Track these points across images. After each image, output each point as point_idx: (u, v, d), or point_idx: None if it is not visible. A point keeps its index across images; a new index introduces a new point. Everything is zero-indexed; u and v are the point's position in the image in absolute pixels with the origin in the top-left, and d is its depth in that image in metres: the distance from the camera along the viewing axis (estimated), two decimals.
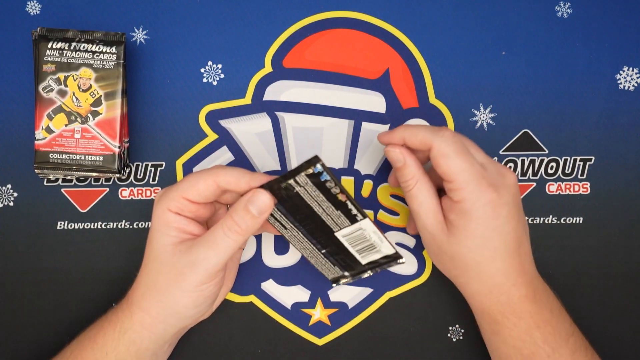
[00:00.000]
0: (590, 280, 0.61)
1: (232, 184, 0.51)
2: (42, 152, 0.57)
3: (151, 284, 0.52)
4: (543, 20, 0.61)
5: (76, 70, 0.57)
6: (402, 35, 0.61)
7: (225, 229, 0.50)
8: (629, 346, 0.61)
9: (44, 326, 0.60)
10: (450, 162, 0.50)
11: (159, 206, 0.52)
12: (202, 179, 0.52)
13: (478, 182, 0.50)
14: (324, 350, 0.61)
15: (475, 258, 0.52)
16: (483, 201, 0.50)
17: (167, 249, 0.52)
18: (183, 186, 0.52)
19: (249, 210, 0.49)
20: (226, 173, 0.51)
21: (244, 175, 0.51)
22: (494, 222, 0.51)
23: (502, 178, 0.52)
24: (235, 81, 0.61)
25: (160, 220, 0.52)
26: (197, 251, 0.50)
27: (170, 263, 0.51)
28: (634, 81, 0.61)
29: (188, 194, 0.52)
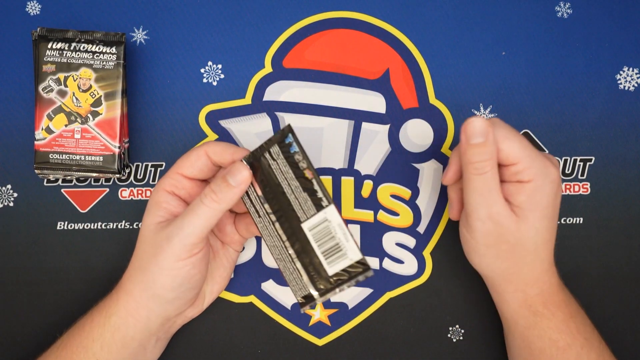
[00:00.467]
0: (590, 281, 0.61)
1: (218, 153, 0.53)
2: (42, 153, 0.57)
3: (136, 264, 0.54)
4: (543, 20, 0.61)
5: (76, 70, 0.57)
6: (402, 35, 0.61)
7: (202, 196, 0.51)
8: (630, 346, 0.61)
9: (44, 326, 0.60)
10: (512, 143, 0.50)
11: (155, 188, 0.54)
12: (194, 151, 0.54)
13: (541, 160, 0.51)
14: (324, 350, 0.61)
15: (538, 241, 0.52)
16: (551, 177, 0.51)
17: (151, 228, 0.53)
18: (177, 163, 0.54)
19: (226, 179, 0.50)
20: (214, 144, 0.53)
21: (229, 147, 0.53)
22: (556, 201, 0.52)
23: (546, 170, 0.51)
24: (235, 81, 0.61)
25: (152, 201, 0.54)
26: (174, 223, 0.51)
27: (152, 240, 0.52)
28: (634, 81, 0.61)
29: (181, 168, 0.53)
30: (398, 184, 0.61)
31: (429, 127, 0.61)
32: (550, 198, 0.51)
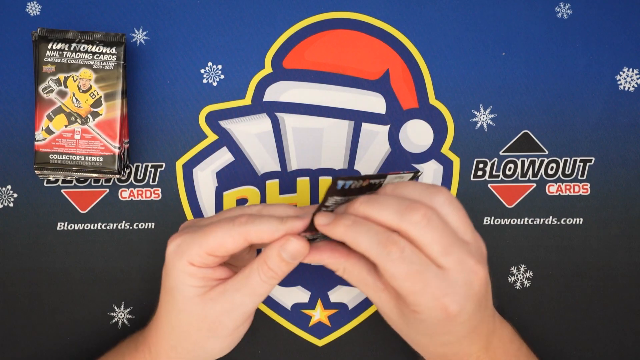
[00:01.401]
0: (590, 281, 0.61)
1: (265, 239, 0.47)
2: (42, 153, 0.57)
3: (182, 337, 0.50)
4: (543, 21, 0.61)
5: (76, 71, 0.57)
6: (402, 35, 0.61)
7: (262, 276, 0.47)
8: (630, 347, 0.61)
9: (44, 327, 0.60)
10: (400, 284, 0.45)
11: (177, 259, 0.49)
12: (230, 236, 0.47)
13: (435, 301, 0.45)
14: (324, 351, 0.61)
15: (423, 342, 0.50)
16: (439, 317, 0.46)
17: (196, 301, 0.49)
18: (207, 242, 0.48)
19: (283, 257, 0.47)
20: (257, 228, 0.47)
21: (277, 228, 0.47)
22: (447, 328, 0.47)
23: (468, 287, 0.46)
24: (235, 82, 0.61)
25: (183, 274, 0.49)
26: (233, 298, 0.48)
27: (203, 314, 0.49)
28: (634, 82, 0.61)
29: (214, 251, 0.48)
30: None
31: (429, 127, 0.61)
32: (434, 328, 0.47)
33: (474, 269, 0.46)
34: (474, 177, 0.61)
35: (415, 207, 0.45)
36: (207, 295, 0.49)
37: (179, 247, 0.49)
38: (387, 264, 0.44)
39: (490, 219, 0.61)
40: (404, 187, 0.47)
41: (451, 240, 0.45)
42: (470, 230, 0.47)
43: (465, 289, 0.46)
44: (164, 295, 0.51)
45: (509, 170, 0.61)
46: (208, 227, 0.48)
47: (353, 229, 0.45)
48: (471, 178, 0.61)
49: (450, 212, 0.46)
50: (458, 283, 0.45)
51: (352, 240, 0.45)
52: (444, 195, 0.46)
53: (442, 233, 0.45)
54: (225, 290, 0.48)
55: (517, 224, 0.61)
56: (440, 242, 0.45)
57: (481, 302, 0.48)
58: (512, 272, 0.61)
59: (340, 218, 0.46)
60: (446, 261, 0.45)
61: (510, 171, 0.61)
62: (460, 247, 0.46)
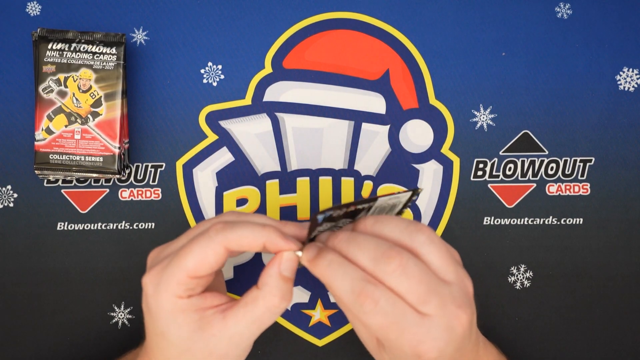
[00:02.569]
0: (590, 282, 0.61)
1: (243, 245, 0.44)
2: (42, 153, 0.57)
3: None
4: (543, 21, 0.61)
5: (76, 71, 0.57)
6: (402, 36, 0.61)
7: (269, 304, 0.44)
8: (630, 347, 0.61)
9: (44, 327, 0.60)
10: (373, 331, 0.44)
11: (162, 296, 0.44)
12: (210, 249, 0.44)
13: (411, 348, 0.43)
14: (324, 351, 0.61)
15: None
16: None
17: (195, 339, 0.44)
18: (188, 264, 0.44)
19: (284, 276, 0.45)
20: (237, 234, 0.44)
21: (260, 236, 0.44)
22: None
23: (449, 333, 0.43)
24: (235, 82, 0.61)
25: (172, 313, 0.44)
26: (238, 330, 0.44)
27: (207, 350, 0.45)
28: (634, 82, 0.61)
29: (198, 271, 0.44)
30: (398, 184, 0.61)
31: (429, 127, 0.61)
32: None
33: (455, 313, 0.43)
34: (474, 177, 0.61)
35: (390, 256, 0.42)
36: (209, 331, 0.45)
37: (159, 285, 0.44)
38: (361, 315, 0.43)
39: (490, 219, 0.61)
40: (384, 225, 0.45)
41: (430, 287, 0.43)
42: (453, 269, 0.45)
43: (447, 334, 0.43)
44: (154, 340, 0.46)
45: (509, 170, 0.61)
46: (182, 249, 0.45)
47: (330, 270, 0.43)
48: (471, 178, 0.61)
49: (431, 252, 0.44)
50: (439, 329, 0.43)
51: (328, 282, 0.44)
52: (424, 235, 0.44)
53: (419, 281, 0.43)
54: (228, 324, 0.44)
55: (517, 224, 0.61)
56: (417, 291, 0.42)
57: (464, 342, 0.45)
58: (512, 272, 0.61)
59: (321, 255, 0.44)
60: (426, 309, 0.43)
61: (511, 171, 0.61)
62: (439, 292, 0.43)
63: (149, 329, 0.47)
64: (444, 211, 0.61)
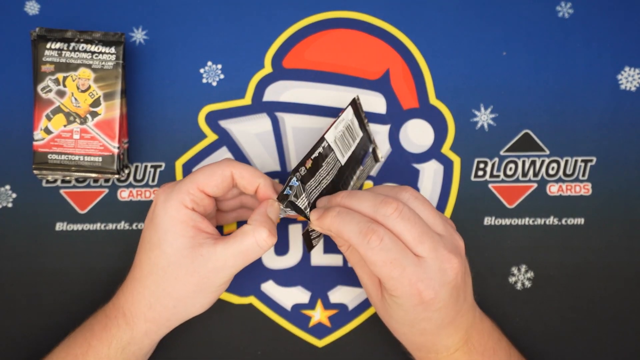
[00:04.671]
0: (591, 282, 0.61)
1: (246, 179, 0.51)
2: (41, 153, 0.57)
3: (164, 293, 0.50)
4: (544, 20, 0.61)
5: (75, 70, 0.57)
6: (402, 35, 0.61)
7: (258, 237, 0.49)
8: (631, 347, 0.61)
9: (43, 327, 0.60)
10: (379, 270, 0.48)
11: (170, 203, 0.50)
12: (220, 169, 0.51)
13: (411, 286, 0.48)
14: (324, 351, 0.61)
15: (404, 330, 0.52)
16: (414, 302, 0.48)
17: (186, 253, 0.49)
18: (198, 178, 0.50)
19: (271, 217, 0.50)
20: (242, 168, 0.51)
21: (256, 174, 0.51)
22: (424, 315, 0.49)
23: (442, 274, 0.48)
24: (235, 82, 0.61)
25: (175, 220, 0.50)
26: (225, 258, 0.49)
27: (192, 268, 0.49)
28: (636, 81, 0.61)
29: (206, 186, 0.50)
30: (398, 184, 0.61)
31: (429, 127, 0.61)
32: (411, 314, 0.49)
33: (447, 257, 0.48)
34: (475, 177, 0.61)
35: (388, 201, 0.48)
36: (198, 250, 0.49)
37: (170, 194, 0.50)
38: (368, 252, 0.47)
39: (491, 219, 0.61)
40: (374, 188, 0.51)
41: (423, 230, 0.48)
42: (441, 222, 0.50)
43: (440, 276, 0.48)
44: (148, 252, 0.51)
45: (510, 170, 0.61)
46: (198, 169, 0.51)
47: (338, 219, 0.48)
48: (472, 178, 0.61)
49: (418, 206, 0.50)
50: (432, 270, 0.48)
51: (337, 229, 0.49)
52: (408, 192, 0.50)
53: (413, 224, 0.48)
54: (217, 249, 0.49)
55: (518, 224, 0.61)
56: (412, 232, 0.48)
57: (458, 291, 0.50)
58: (513, 272, 0.61)
59: (327, 210, 0.50)
60: (421, 250, 0.48)
61: (511, 171, 0.61)
62: (432, 236, 0.48)
63: (145, 241, 0.51)
64: (445, 211, 0.61)
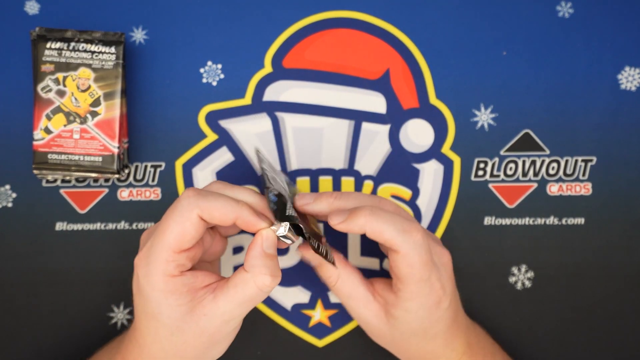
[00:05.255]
0: (592, 282, 0.61)
1: (216, 218, 0.45)
2: (41, 153, 0.57)
3: (176, 357, 0.47)
4: (544, 20, 0.61)
5: (75, 70, 0.57)
6: (402, 35, 0.61)
7: (260, 284, 0.45)
8: (631, 347, 0.61)
9: (43, 327, 0.60)
10: (414, 271, 0.48)
11: (153, 278, 0.44)
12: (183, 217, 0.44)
13: (431, 287, 0.49)
14: (324, 351, 0.61)
15: (417, 341, 0.52)
16: (430, 303, 0.49)
17: (187, 319, 0.45)
18: (169, 240, 0.44)
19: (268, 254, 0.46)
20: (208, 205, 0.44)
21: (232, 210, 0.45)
22: (437, 315, 0.50)
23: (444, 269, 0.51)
24: (235, 81, 0.61)
25: (165, 292, 0.45)
26: (230, 309, 0.45)
27: (199, 330, 0.45)
28: (636, 81, 0.61)
29: (181, 244, 0.44)
30: (398, 184, 0.61)
31: (429, 127, 0.61)
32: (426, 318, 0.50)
33: (442, 251, 0.51)
34: (475, 177, 0.61)
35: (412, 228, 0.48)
36: (199, 310, 0.45)
37: (148, 266, 0.45)
38: (412, 251, 0.47)
39: (491, 219, 0.61)
40: None
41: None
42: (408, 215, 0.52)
43: (443, 270, 0.51)
44: (144, 322, 0.47)
45: (510, 170, 0.61)
46: (160, 226, 0.45)
47: (375, 217, 0.47)
48: (472, 178, 0.61)
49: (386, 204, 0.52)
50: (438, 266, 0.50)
51: (375, 227, 0.47)
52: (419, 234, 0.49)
53: None
54: (219, 304, 0.45)
55: (518, 224, 0.61)
56: None
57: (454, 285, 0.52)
58: (513, 272, 0.61)
59: (358, 210, 0.48)
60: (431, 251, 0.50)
61: (511, 171, 0.61)
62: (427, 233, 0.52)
63: (139, 310, 0.47)
64: (445, 211, 0.61)
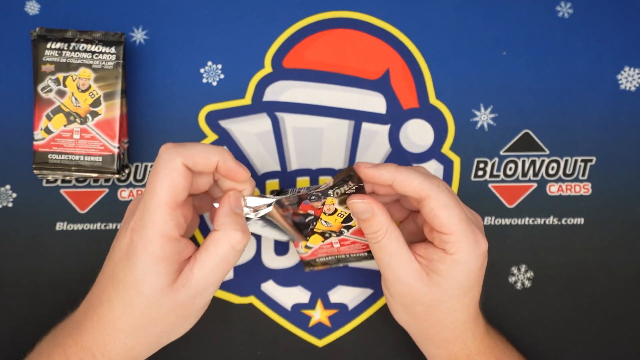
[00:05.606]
0: (591, 282, 0.61)
1: (199, 164, 0.45)
2: (41, 153, 0.57)
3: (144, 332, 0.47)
4: (544, 20, 0.61)
5: (75, 70, 0.57)
6: (402, 35, 0.61)
7: (232, 240, 0.46)
8: (631, 347, 0.61)
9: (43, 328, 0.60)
10: (451, 213, 0.48)
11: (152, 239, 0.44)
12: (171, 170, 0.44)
13: (474, 233, 0.49)
14: (324, 351, 0.61)
15: (455, 305, 0.51)
16: (477, 253, 0.49)
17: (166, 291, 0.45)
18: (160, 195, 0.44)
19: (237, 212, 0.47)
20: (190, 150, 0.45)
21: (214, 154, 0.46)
22: (479, 272, 0.51)
23: (480, 227, 0.52)
24: (235, 81, 0.61)
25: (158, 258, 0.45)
26: (204, 276, 0.46)
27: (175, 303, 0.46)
28: (635, 81, 0.61)
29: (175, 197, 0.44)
30: None
31: (429, 127, 0.61)
32: (472, 272, 0.50)
33: (480, 235, 0.50)
34: (475, 177, 0.61)
35: (433, 176, 0.50)
36: (178, 282, 0.45)
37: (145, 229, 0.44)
38: (440, 194, 0.48)
39: (490, 219, 0.61)
40: None
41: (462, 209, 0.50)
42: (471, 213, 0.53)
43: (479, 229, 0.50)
44: (119, 290, 0.46)
45: (510, 170, 0.61)
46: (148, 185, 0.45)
47: (402, 170, 0.48)
48: (472, 178, 0.61)
49: None
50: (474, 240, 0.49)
51: (404, 178, 0.48)
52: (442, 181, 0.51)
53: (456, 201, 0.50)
54: (194, 273, 0.45)
55: (518, 224, 0.61)
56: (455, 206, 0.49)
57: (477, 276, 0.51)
58: (513, 272, 0.61)
59: (385, 164, 0.49)
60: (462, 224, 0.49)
61: (511, 171, 0.61)
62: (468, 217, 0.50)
63: (116, 277, 0.46)
64: None
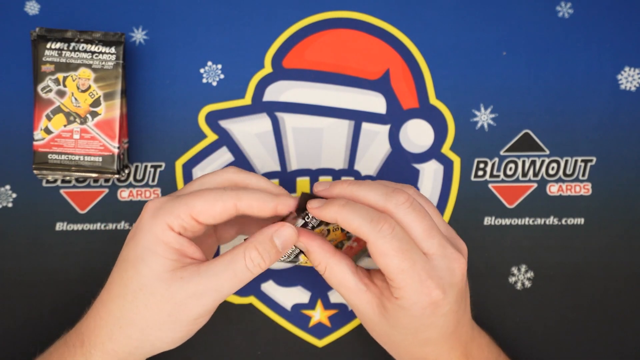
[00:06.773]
0: (591, 282, 0.61)
1: (255, 208, 0.45)
2: (41, 153, 0.57)
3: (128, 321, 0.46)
4: (544, 20, 0.61)
5: (75, 70, 0.57)
6: (402, 35, 0.61)
7: (248, 261, 0.45)
8: (631, 347, 0.61)
9: (43, 328, 0.60)
10: (389, 260, 0.45)
11: (157, 220, 0.45)
12: (222, 200, 0.45)
13: (421, 283, 0.45)
14: (324, 351, 0.61)
15: (406, 342, 0.49)
16: (424, 303, 0.46)
17: (163, 277, 0.44)
18: (194, 203, 0.45)
19: (275, 244, 0.45)
20: (250, 197, 0.45)
21: (270, 201, 0.46)
22: (430, 320, 0.47)
23: (450, 274, 0.46)
24: (235, 82, 0.61)
25: (158, 239, 0.45)
26: (208, 281, 0.44)
27: (168, 294, 0.44)
28: (635, 81, 0.61)
29: (201, 215, 0.45)
30: None
31: (429, 127, 0.61)
32: (418, 319, 0.46)
33: (454, 255, 0.47)
34: (475, 177, 0.61)
35: (399, 191, 0.46)
36: (178, 272, 0.45)
37: (160, 210, 0.45)
38: (379, 240, 0.45)
39: (490, 219, 0.61)
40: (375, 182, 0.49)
41: (432, 225, 0.46)
42: (444, 223, 0.49)
43: (448, 275, 0.46)
44: (121, 271, 0.46)
45: (510, 170, 0.61)
46: (196, 192, 0.46)
47: (346, 209, 0.45)
48: (472, 178, 0.61)
49: (422, 203, 0.48)
50: (441, 268, 0.46)
51: (345, 218, 0.45)
52: (412, 190, 0.49)
53: (423, 216, 0.46)
54: (200, 272, 0.45)
55: (518, 224, 0.61)
56: (422, 225, 0.46)
57: (462, 296, 0.49)
58: (513, 272, 0.61)
59: (332, 200, 0.47)
60: (429, 245, 0.46)
61: (511, 171, 0.61)
62: (440, 233, 0.47)
63: (125, 255, 0.47)
64: (445, 211, 0.61)
